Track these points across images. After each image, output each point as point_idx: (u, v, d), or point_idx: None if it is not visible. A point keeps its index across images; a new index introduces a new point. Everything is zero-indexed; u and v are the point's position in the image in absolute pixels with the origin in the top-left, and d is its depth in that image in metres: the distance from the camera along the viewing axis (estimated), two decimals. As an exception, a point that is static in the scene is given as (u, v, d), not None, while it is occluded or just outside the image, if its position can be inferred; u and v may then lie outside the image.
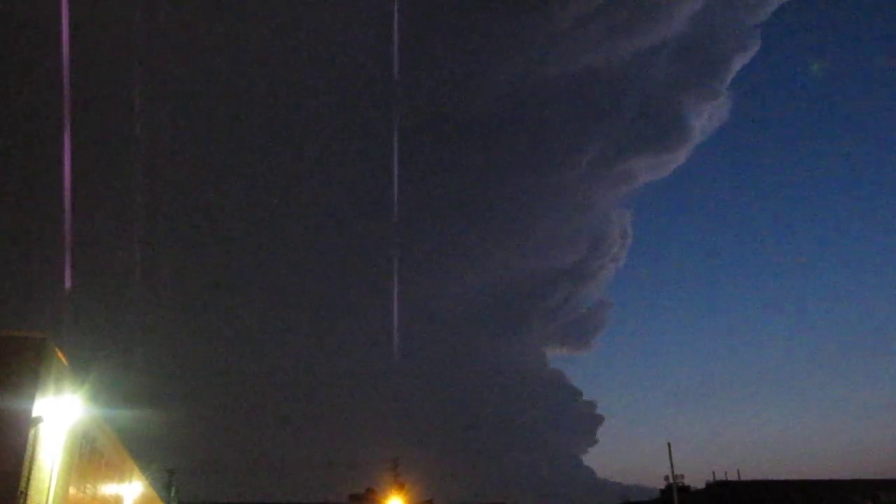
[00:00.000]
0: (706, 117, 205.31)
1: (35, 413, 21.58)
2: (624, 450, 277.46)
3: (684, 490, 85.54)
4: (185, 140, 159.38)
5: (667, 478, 69.23)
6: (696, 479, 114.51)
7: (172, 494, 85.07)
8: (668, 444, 66.75)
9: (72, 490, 28.60)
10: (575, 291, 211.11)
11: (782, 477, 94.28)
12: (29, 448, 21.47)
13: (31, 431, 21.61)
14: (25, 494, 21.20)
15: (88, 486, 32.71)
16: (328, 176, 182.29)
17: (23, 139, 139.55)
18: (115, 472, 41.44)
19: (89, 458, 32.39)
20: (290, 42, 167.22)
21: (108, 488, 39.02)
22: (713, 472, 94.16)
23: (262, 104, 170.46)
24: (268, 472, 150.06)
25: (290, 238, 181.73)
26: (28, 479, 21.49)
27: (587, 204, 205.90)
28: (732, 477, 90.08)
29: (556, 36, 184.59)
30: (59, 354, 24.12)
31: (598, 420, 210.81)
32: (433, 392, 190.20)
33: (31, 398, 21.64)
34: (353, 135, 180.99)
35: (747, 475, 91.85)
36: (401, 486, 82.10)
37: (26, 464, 21.33)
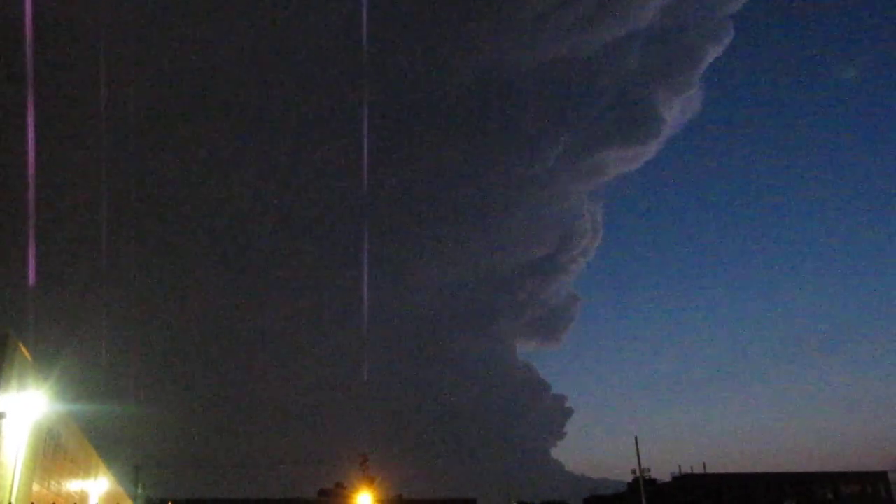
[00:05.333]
0: (678, 109, 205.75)
1: (-3, 409, 21.30)
2: (592, 443, 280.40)
3: (651, 483, 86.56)
4: (149, 135, 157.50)
5: (634, 471, 69.95)
6: (662, 472, 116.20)
7: (139, 490, 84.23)
8: (636, 438, 67.48)
9: (35, 486, 28.26)
10: (545, 285, 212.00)
11: (747, 470, 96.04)
12: (-9, 444, 21.19)
13: (-6, 427, 21.32)
14: (-13, 491, 20.92)
15: (53, 482, 32.34)
16: (296, 172, 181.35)
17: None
18: (80, 468, 40.97)
19: (53, 455, 32.02)
20: (257, 33, 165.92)
21: (73, 484, 38.59)
22: (679, 466, 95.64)
23: (227, 96, 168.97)
24: (236, 467, 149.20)
25: (258, 234, 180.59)
26: (-10, 476, 21.21)
27: (558, 197, 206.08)
28: (698, 470, 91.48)
29: (526, 25, 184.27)
30: (23, 349, 23.84)
31: (567, 413, 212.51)
32: (402, 387, 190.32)
33: (-6, 394, 21.36)
34: (320, 129, 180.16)
35: (713, 468, 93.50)
36: (370, 482, 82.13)
37: (-12, 460, 21.06)
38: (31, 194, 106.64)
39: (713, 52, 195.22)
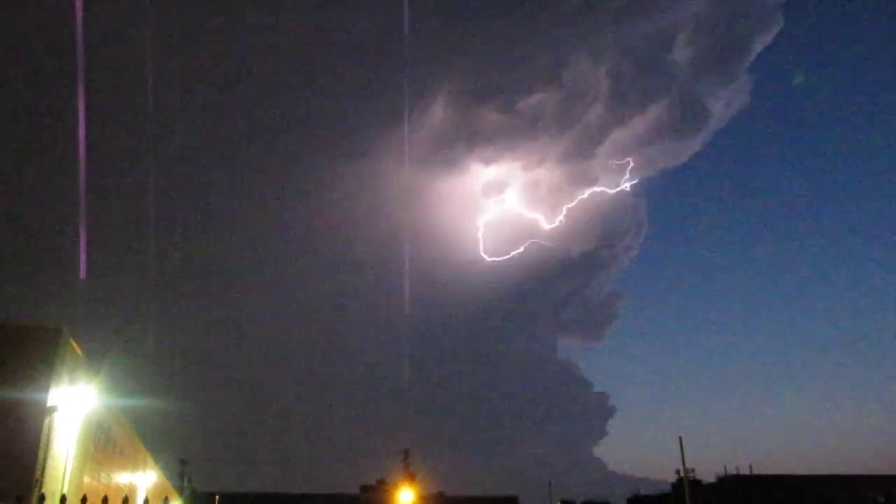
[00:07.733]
0: (725, 102, 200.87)
1: (50, 402, 21.84)
2: (635, 442, 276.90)
3: (696, 484, 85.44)
4: (198, 131, 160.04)
5: (678, 471, 68.97)
6: (707, 473, 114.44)
7: (185, 483, 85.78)
8: (680, 438, 66.43)
9: (86, 478, 28.91)
10: (587, 282, 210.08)
11: (794, 472, 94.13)
12: (44, 437, 21.74)
13: (46, 420, 21.87)
14: (40, 482, 21.47)
15: (103, 474, 33.06)
16: (338, 176, 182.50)
17: (38, 131, 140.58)
18: (128, 460, 41.83)
19: (103, 447, 32.73)
20: (301, 36, 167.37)
21: (121, 477, 39.41)
22: (725, 467, 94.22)
23: (269, 96, 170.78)
24: (280, 462, 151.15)
25: (304, 231, 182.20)
26: (43, 468, 21.77)
27: (599, 192, 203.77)
28: (744, 471, 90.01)
29: (568, 17, 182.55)
30: (74, 345, 24.39)
31: (610, 411, 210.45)
32: (444, 384, 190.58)
33: (46, 388, 21.90)
34: (358, 129, 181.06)
35: (759, 469, 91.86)
36: (412, 478, 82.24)
37: (41, 452, 21.60)
38: (81, 189, 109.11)
39: (761, 42, 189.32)
